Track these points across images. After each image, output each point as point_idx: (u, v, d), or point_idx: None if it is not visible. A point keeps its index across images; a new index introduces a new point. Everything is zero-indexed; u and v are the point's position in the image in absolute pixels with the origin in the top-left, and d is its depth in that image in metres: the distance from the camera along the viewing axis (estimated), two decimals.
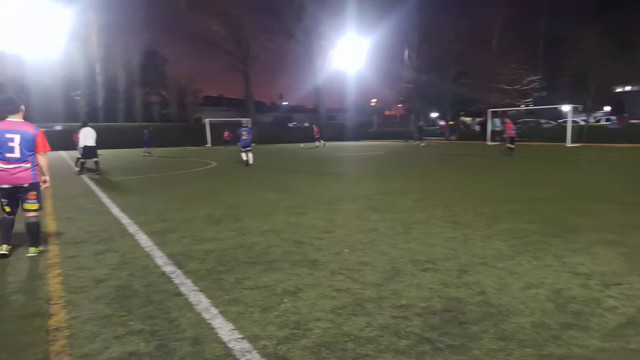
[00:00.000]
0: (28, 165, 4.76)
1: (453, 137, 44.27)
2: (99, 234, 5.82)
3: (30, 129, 4.78)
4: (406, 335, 2.81)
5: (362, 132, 54.79)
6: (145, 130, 27.82)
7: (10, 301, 3.52)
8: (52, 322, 3.12)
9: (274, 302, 3.39)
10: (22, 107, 4.87)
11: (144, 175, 14.58)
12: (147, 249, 4.98)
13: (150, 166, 18.38)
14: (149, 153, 26.38)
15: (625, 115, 43.89)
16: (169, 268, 4.28)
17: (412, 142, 37.58)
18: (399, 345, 2.68)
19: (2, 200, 4.77)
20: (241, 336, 2.85)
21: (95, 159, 14.50)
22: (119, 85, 47.68)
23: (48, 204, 8.39)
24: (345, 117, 58.21)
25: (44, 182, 4.93)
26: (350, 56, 50.23)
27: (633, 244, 4.86)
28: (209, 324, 3.04)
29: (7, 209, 4.80)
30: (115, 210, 7.50)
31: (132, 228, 6.10)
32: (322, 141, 34.98)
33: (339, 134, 53.10)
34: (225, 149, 32.31)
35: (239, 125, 19.17)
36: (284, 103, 79.43)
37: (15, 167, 4.68)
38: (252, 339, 2.81)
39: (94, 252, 4.90)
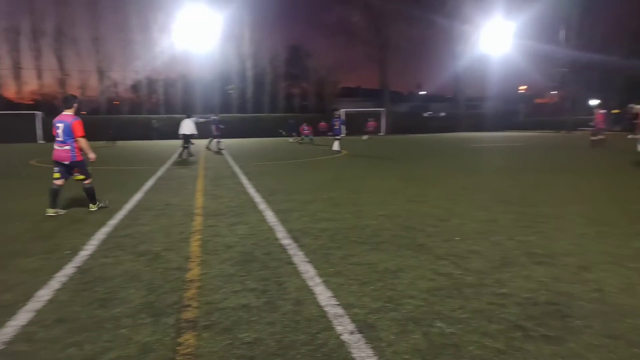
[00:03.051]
0: (68, 147, 6.25)
1: (617, 128, 38.44)
2: (235, 209, 6.64)
3: (69, 119, 6.23)
4: (499, 320, 2.76)
5: (506, 122, 50.88)
6: (290, 120, 32.94)
7: (161, 256, 4.32)
8: (189, 275, 3.76)
9: (373, 278, 3.58)
10: (75, 105, 6.41)
11: (280, 161, 15.83)
12: (271, 224, 5.56)
13: (286, 153, 19.82)
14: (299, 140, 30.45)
15: None
16: (286, 241, 4.75)
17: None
18: (488, 328, 2.66)
19: (54, 169, 6.33)
20: (337, 303, 3.10)
21: (185, 145, 17.12)
22: (265, 79, 51.86)
23: (200, 182, 9.77)
24: (486, 106, 54.62)
25: (91, 158, 6.50)
26: (495, 39, 46.75)
27: None
28: (312, 290, 3.36)
29: (57, 175, 6.32)
30: (251, 190, 8.40)
31: (263, 206, 6.81)
32: (368, 136, 33.90)
33: (478, 124, 50.18)
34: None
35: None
36: (421, 92, 77.37)
37: (59, 148, 6.26)
38: (346, 306, 3.04)
39: (229, 224, 5.65)
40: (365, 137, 33.96)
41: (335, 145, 19.15)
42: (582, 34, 42.87)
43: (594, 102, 46.46)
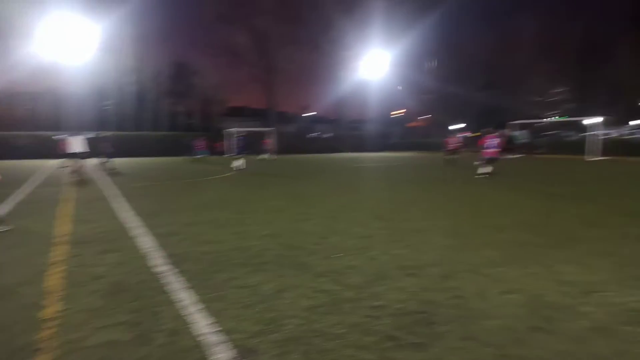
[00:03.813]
0: None
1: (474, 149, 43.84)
2: (108, 234, 6.10)
3: None
4: (373, 332, 2.91)
5: (384, 143, 54.74)
6: (192, 140, 31.80)
7: (15, 292, 3.78)
8: (47, 312, 3.34)
9: (255, 301, 3.54)
10: None
11: (164, 181, 15.01)
12: (149, 249, 5.21)
13: (171, 173, 18.89)
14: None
15: None
16: (165, 267, 4.48)
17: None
18: (363, 341, 2.79)
19: None
20: (218, 329, 3.00)
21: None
22: (147, 95, 49.14)
23: (68, 206, 8.81)
24: (366, 128, 58.27)
25: None
26: (373, 67, 50.46)
27: (628, 255, 4.81)
28: (190, 317, 3.21)
29: None
30: (129, 213, 7.81)
31: (140, 230, 6.37)
32: (269, 155, 34.96)
33: (360, 145, 53.20)
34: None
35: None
36: (306, 114, 79.80)
37: None
38: (227, 332, 2.96)
39: (99, 251, 5.16)
40: (266, 155, 33.95)
41: (235, 163, 20.64)
42: (446, 66, 48.41)
43: (454, 127, 52.67)
